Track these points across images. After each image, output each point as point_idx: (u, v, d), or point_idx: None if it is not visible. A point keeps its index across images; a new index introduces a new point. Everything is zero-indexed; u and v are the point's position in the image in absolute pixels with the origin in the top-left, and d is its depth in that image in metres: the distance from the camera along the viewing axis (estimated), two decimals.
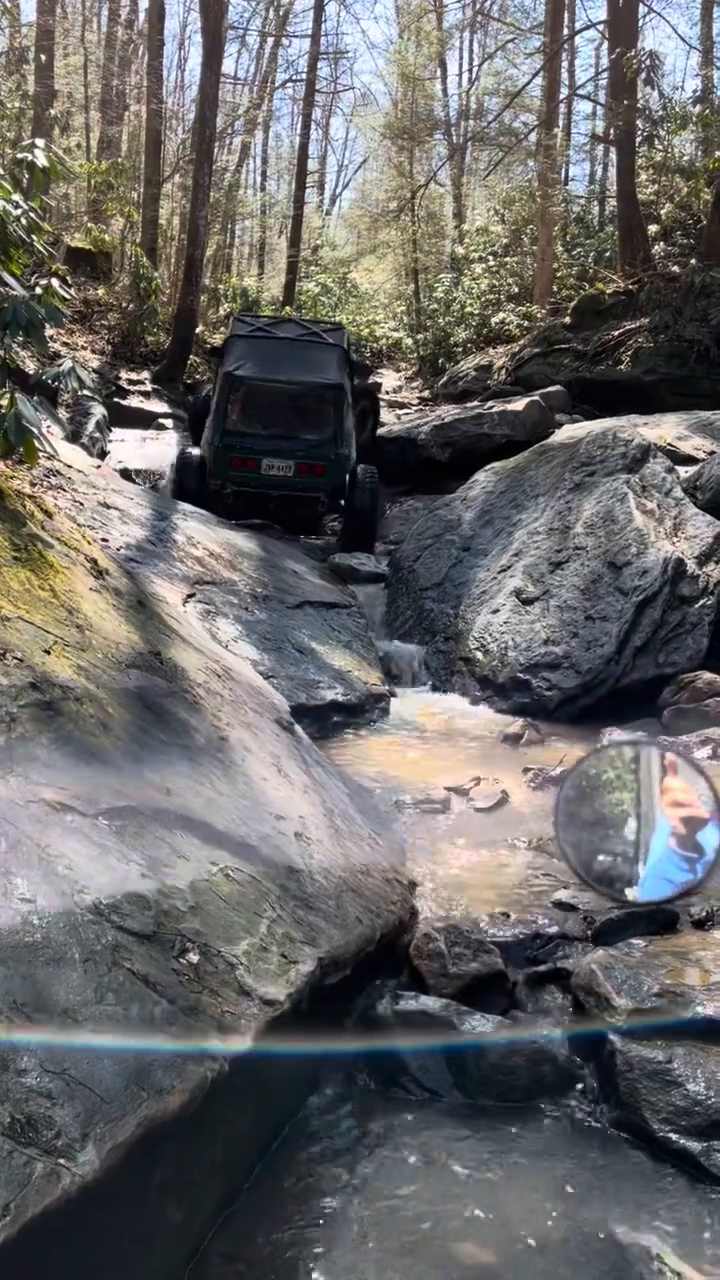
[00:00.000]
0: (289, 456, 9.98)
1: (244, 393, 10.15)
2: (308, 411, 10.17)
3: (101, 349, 16.72)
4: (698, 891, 0.96)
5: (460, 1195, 2.52)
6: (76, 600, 3.56)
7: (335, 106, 33.36)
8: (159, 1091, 1.89)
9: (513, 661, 7.52)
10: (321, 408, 10.13)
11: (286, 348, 10.68)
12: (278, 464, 9.96)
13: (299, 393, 10.19)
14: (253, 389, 10.15)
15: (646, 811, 0.92)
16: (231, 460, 10.04)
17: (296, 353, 10.55)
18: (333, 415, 10.08)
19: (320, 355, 10.56)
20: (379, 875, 3.68)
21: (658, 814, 0.92)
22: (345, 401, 10.28)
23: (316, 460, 9.98)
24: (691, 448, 10.90)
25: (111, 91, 23.50)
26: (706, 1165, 2.58)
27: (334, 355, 10.60)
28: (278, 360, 10.40)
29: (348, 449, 10.26)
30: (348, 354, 10.94)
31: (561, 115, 24.19)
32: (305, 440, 10.07)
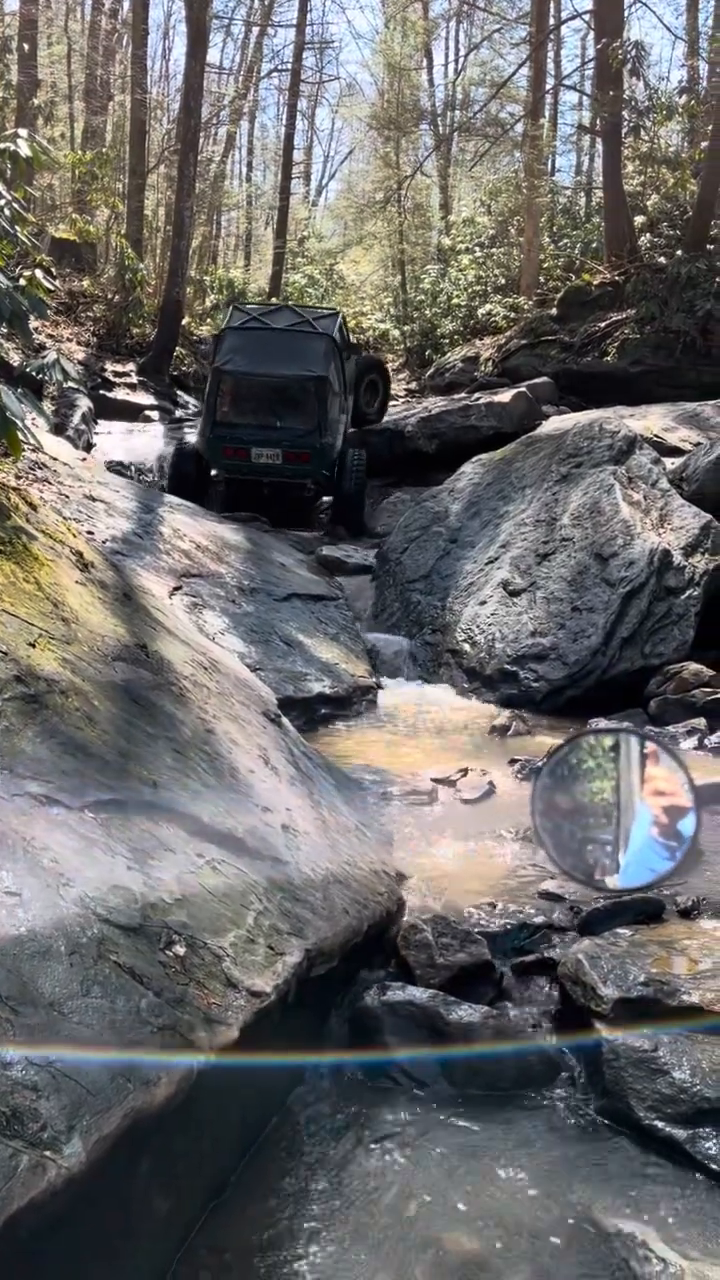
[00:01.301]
0: (276, 445, 10.37)
1: (232, 385, 10.59)
2: (293, 402, 10.51)
3: (87, 341, 16.64)
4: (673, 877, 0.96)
5: (448, 1184, 2.53)
6: (62, 593, 3.55)
7: (321, 97, 33.27)
8: (145, 1083, 1.89)
9: (500, 653, 7.53)
10: (306, 398, 10.46)
11: (275, 339, 11.03)
12: (266, 452, 10.36)
13: (284, 385, 10.55)
14: (240, 382, 10.59)
15: (626, 800, 0.92)
16: (223, 449, 10.51)
17: (285, 344, 10.90)
18: (317, 405, 10.42)
19: (308, 345, 10.87)
20: (366, 867, 3.69)
21: (638, 802, 0.93)
22: (330, 391, 10.58)
23: (302, 448, 10.37)
24: (678, 439, 10.93)
25: (95, 81, 23.35)
26: (692, 1152, 2.60)
27: (322, 344, 10.88)
28: (266, 352, 10.75)
29: (332, 437, 10.59)
30: (337, 341, 11.15)
31: (548, 106, 24.17)
32: (292, 429, 10.44)
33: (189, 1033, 2.09)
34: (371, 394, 12.92)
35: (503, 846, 4.56)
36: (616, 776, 0.96)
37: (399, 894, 3.78)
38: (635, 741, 0.94)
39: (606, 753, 0.97)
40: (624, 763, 0.95)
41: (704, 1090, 2.68)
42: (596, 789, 0.97)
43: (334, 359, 10.91)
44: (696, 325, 14.53)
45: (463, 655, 7.80)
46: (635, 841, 0.92)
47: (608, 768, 0.97)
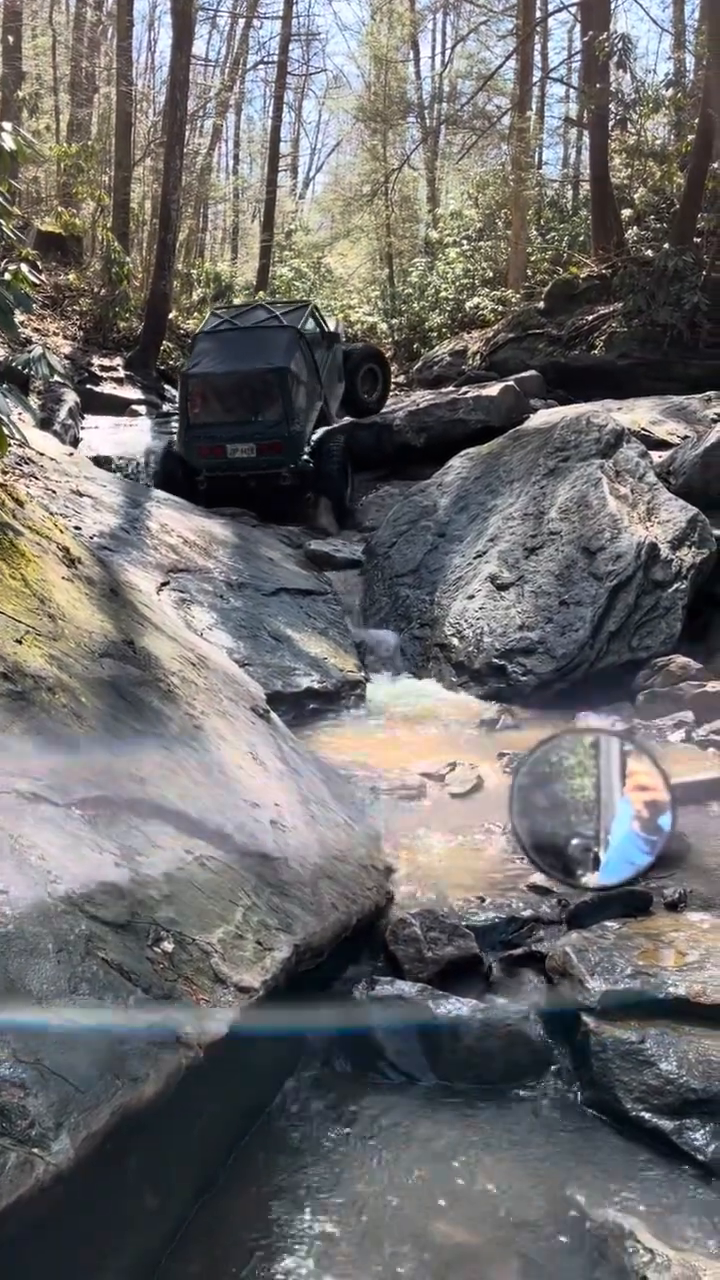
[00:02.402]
0: (249, 439, 10.74)
1: (200, 388, 11.01)
2: (260, 395, 10.88)
3: (73, 335, 16.56)
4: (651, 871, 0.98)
5: (436, 1177, 2.55)
6: (48, 589, 3.54)
7: (308, 89, 33.08)
8: (134, 1080, 1.89)
9: (488, 647, 7.55)
10: (270, 391, 10.79)
11: (240, 338, 11.48)
12: (240, 447, 10.73)
13: (248, 380, 10.94)
14: (207, 383, 11.01)
15: (606, 797, 0.93)
16: (199, 449, 10.88)
17: (249, 341, 11.32)
18: (282, 396, 10.73)
19: (272, 339, 11.24)
20: (355, 862, 3.69)
21: (618, 799, 0.93)
22: (296, 381, 10.87)
23: (273, 439, 10.71)
24: (665, 432, 10.95)
25: (81, 73, 23.21)
26: (679, 1143, 2.62)
27: (285, 337, 11.20)
28: (231, 352, 11.22)
29: (301, 425, 10.91)
30: (303, 332, 11.40)
31: (535, 98, 24.12)
32: (261, 422, 10.81)
33: (177, 1029, 2.09)
34: (371, 383, 13.20)
35: (491, 840, 4.57)
36: (595, 774, 0.97)
37: (387, 888, 3.79)
38: (615, 739, 0.95)
39: (585, 750, 0.98)
40: (603, 760, 0.96)
41: (690, 1081, 2.70)
42: (575, 787, 0.98)
43: (299, 350, 11.16)
44: (684, 318, 14.54)
45: (451, 649, 7.81)
46: (616, 837, 0.93)
47: (586, 765, 0.98)
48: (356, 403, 12.87)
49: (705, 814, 4.86)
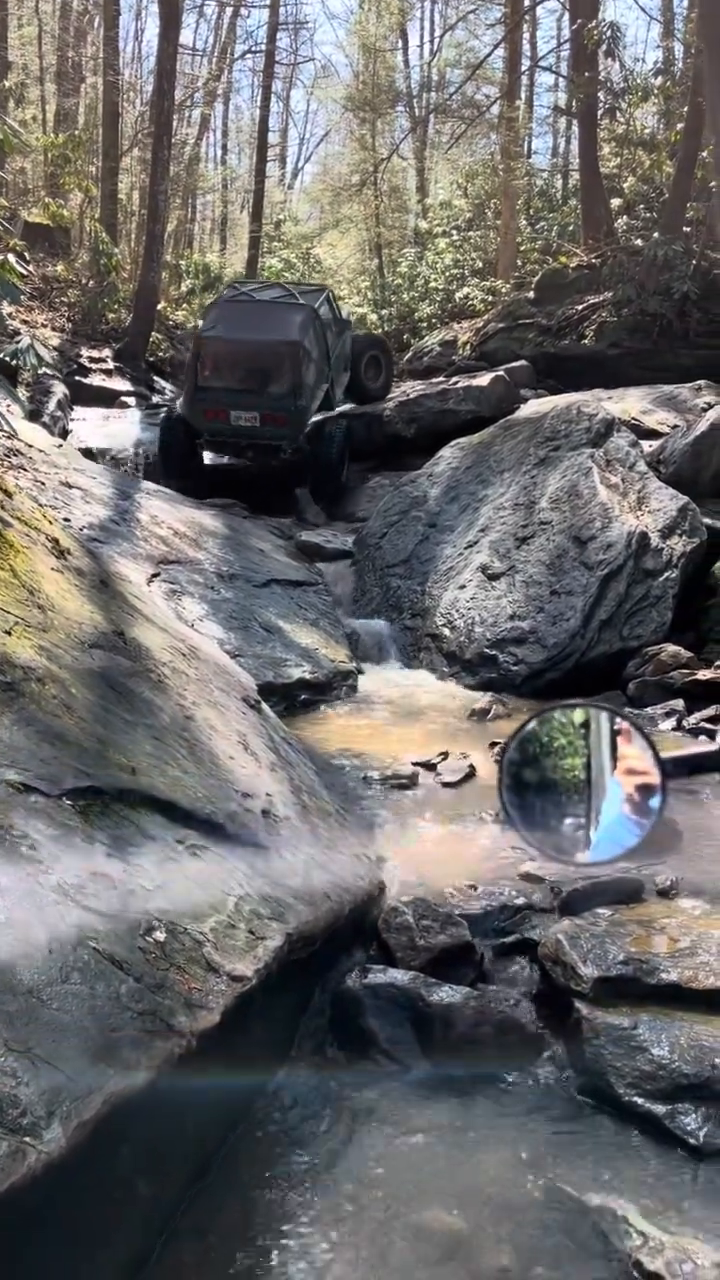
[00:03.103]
0: (254, 408, 10.82)
1: (212, 350, 11.10)
2: (270, 367, 10.97)
3: (61, 326, 16.48)
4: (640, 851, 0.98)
5: (429, 1163, 2.55)
6: (38, 580, 3.53)
7: (296, 78, 32.94)
8: (126, 1068, 1.89)
9: (479, 637, 7.55)
10: (281, 364, 10.90)
11: (258, 309, 11.64)
12: (245, 415, 10.81)
13: (261, 350, 11.03)
14: (220, 346, 11.10)
15: (597, 776, 0.93)
16: (205, 412, 10.94)
17: (266, 313, 11.48)
18: (291, 370, 10.84)
19: (288, 315, 11.36)
20: (347, 851, 3.70)
21: (609, 779, 0.94)
22: (307, 358, 10.97)
23: (279, 411, 10.80)
24: (655, 421, 10.95)
25: (67, 63, 23.05)
26: (671, 1128, 2.63)
27: (301, 314, 11.31)
28: (247, 321, 11.34)
29: (307, 401, 11.01)
30: (319, 313, 11.51)
31: (523, 87, 24.07)
32: (269, 394, 10.89)
33: (169, 1018, 2.09)
34: (375, 370, 13.37)
35: (483, 829, 4.58)
36: (586, 752, 0.97)
37: (380, 877, 3.80)
38: (605, 717, 0.95)
39: (575, 728, 0.98)
40: (594, 738, 0.96)
41: (682, 1066, 2.72)
42: (566, 765, 0.98)
43: (313, 329, 11.26)
44: (673, 308, 14.53)
45: (442, 639, 7.81)
46: (607, 817, 0.93)
47: (577, 743, 0.98)
48: (362, 390, 13.04)
49: (697, 802, 4.88)
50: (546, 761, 1.07)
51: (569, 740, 1.07)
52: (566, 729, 1.08)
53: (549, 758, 1.07)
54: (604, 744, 1.05)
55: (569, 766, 1.07)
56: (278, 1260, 2.22)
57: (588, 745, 1.06)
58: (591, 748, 1.06)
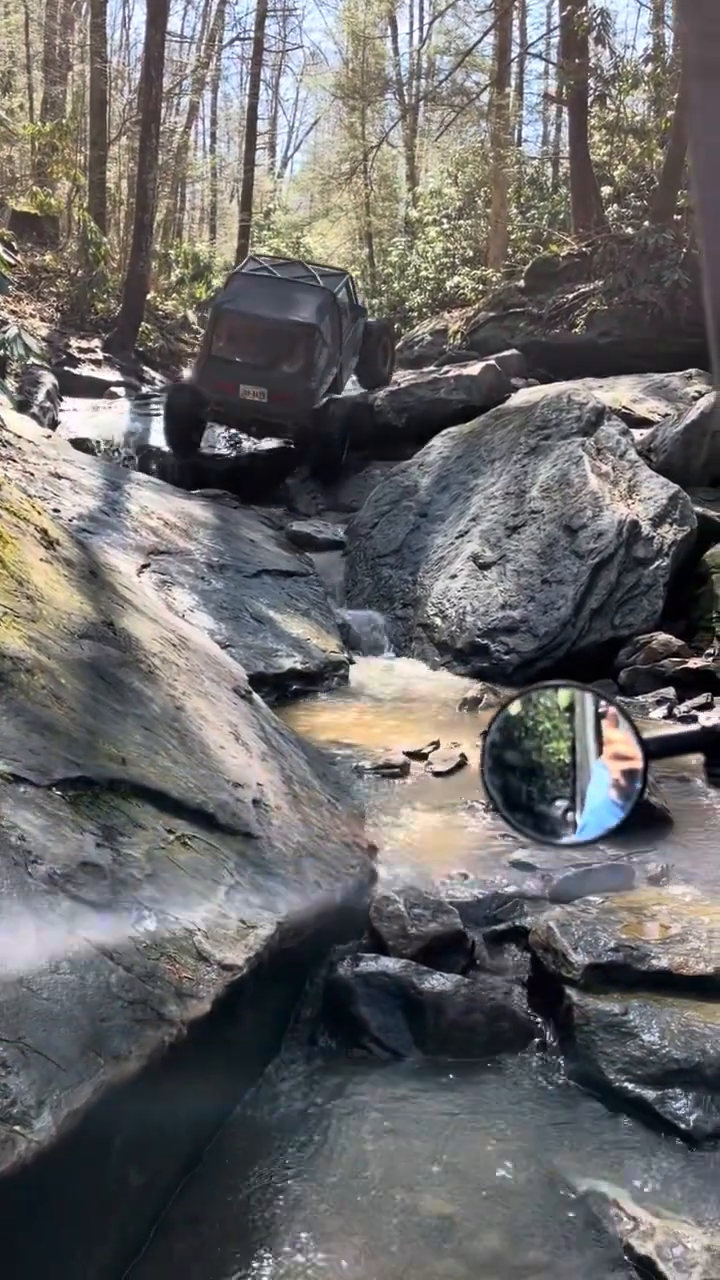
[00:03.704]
0: (263, 384, 10.93)
1: (229, 323, 11.26)
2: (284, 346, 11.11)
3: (50, 316, 16.39)
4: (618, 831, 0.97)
5: (421, 1150, 2.56)
6: (26, 571, 3.51)
7: (284, 66, 32.74)
8: (116, 1057, 1.89)
9: (471, 626, 7.55)
10: (295, 344, 11.04)
11: (278, 287, 11.79)
12: (254, 390, 10.90)
13: (276, 328, 11.14)
14: (236, 320, 11.25)
15: (581, 759, 0.93)
16: (215, 381, 11.10)
17: (285, 292, 11.61)
18: (305, 352, 10.98)
19: (306, 297, 11.52)
20: (338, 840, 3.70)
21: (593, 762, 0.93)
22: (320, 341, 11.10)
23: (288, 389, 10.91)
24: (646, 410, 10.94)
25: (54, 50, 22.87)
26: (661, 1112, 2.64)
27: (320, 298, 11.49)
28: (265, 298, 11.46)
29: (316, 383, 11.11)
30: (336, 297, 11.69)
31: (513, 75, 23.98)
32: (280, 372, 11.02)
33: (160, 1006, 2.09)
34: (384, 355, 13.70)
35: (474, 818, 4.59)
36: (570, 735, 0.96)
37: (371, 866, 3.80)
38: (590, 699, 0.95)
39: (559, 711, 0.98)
40: (578, 720, 0.95)
41: (672, 1052, 2.73)
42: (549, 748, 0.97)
43: (330, 313, 11.43)
44: (664, 296, 14.51)
45: (434, 629, 7.81)
46: (592, 801, 0.93)
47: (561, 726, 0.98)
48: (375, 373, 13.25)
49: (688, 790, 4.89)
50: (529, 743, 1.07)
51: (552, 723, 1.07)
52: (550, 711, 1.08)
53: (532, 740, 1.07)
54: (588, 726, 1.05)
55: (552, 749, 1.07)
56: (270, 1248, 2.22)
57: (571, 728, 1.06)
58: (576, 730, 1.06)
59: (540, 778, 1.06)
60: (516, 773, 1.06)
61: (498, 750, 1.06)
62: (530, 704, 1.09)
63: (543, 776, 1.06)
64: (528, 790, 1.05)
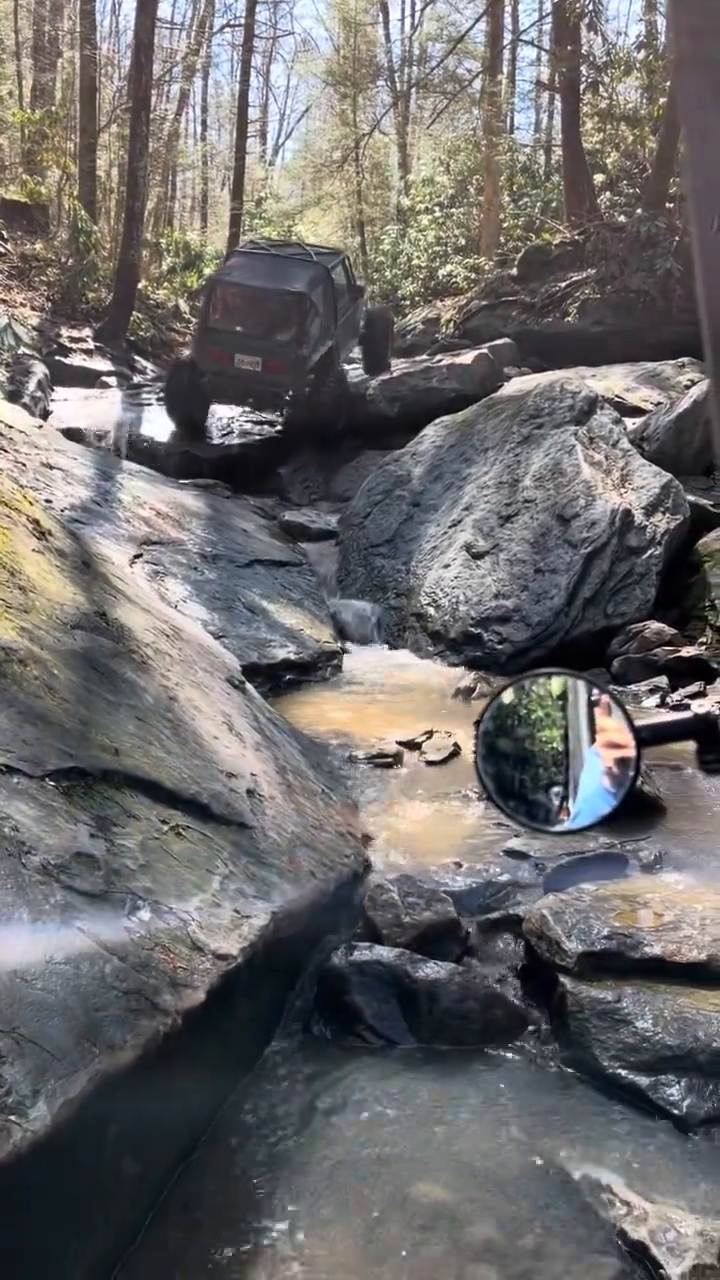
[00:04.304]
0: (258, 353, 11.20)
1: (224, 295, 11.57)
2: (276, 315, 11.36)
3: (41, 306, 16.30)
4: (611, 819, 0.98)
5: (416, 1137, 2.57)
6: (18, 562, 3.50)
7: (275, 53, 32.49)
8: (110, 1047, 1.90)
9: (464, 616, 7.55)
10: (287, 313, 11.26)
11: (273, 261, 12.21)
12: (248, 359, 11.21)
13: (267, 298, 11.43)
14: (231, 292, 11.57)
15: (574, 746, 0.93)
16: (211, 353, 11.40)
17: (280, 267, 11.99)
18: (297, 320, 11.19)
19: (299, 270, 11.82)
20: (332, 829, 3.71)
21: (586, 750, 0.93)
22: (312, 310, 11.31)
23: (281, 358, 11.16)
24: (639, 399, 10.94)
25: (43, 37, 22.70)
26: (654, 1098, 2.66)
27: (312, 271, 11.77)
28: (260, 271, 11.88)
29: (308, 351, 11.32)
30: (329, 272, 11.96)
31: (505, 62, 23.84)
32: (273, 341, 11.27)
33: (154, 996, 2.10)
34: (387, 342, 14.00)
35: (468, 807, 4.59)
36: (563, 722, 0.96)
37: (365, 856, 3.81)
38: (583, 686, 0.95)
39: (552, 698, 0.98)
40: (571, 708, 0.95)
41: (665, 1038, 2.74)
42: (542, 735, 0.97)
43: (323, 285, 11.67)
44: (657, 284, 14.49)
45: (427, 619, 7.81)
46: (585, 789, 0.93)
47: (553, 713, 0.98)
48: (376, 361, 13.46)
49: (681, 778, 4.91)
50: (522, 731, 1.07)
51: (545, 710, 1.07)
52: (543, 699, 1.08)
53: (525, 728, 1.07)
54: (581, 714, 1.05)
55: (546, 737, 1.07)
56: (265, 1235, 2.23)
57: (564, 716, 1.06)
58: (569, 718, 1.06)
59: (533, 766, 1.06)
60: (510, 761, 1.06)
61: (491, 738, 1.06)
62: (523, 692, 1.08)
63: (536, 764, 1.06)
64: (521, 778, 1.05)
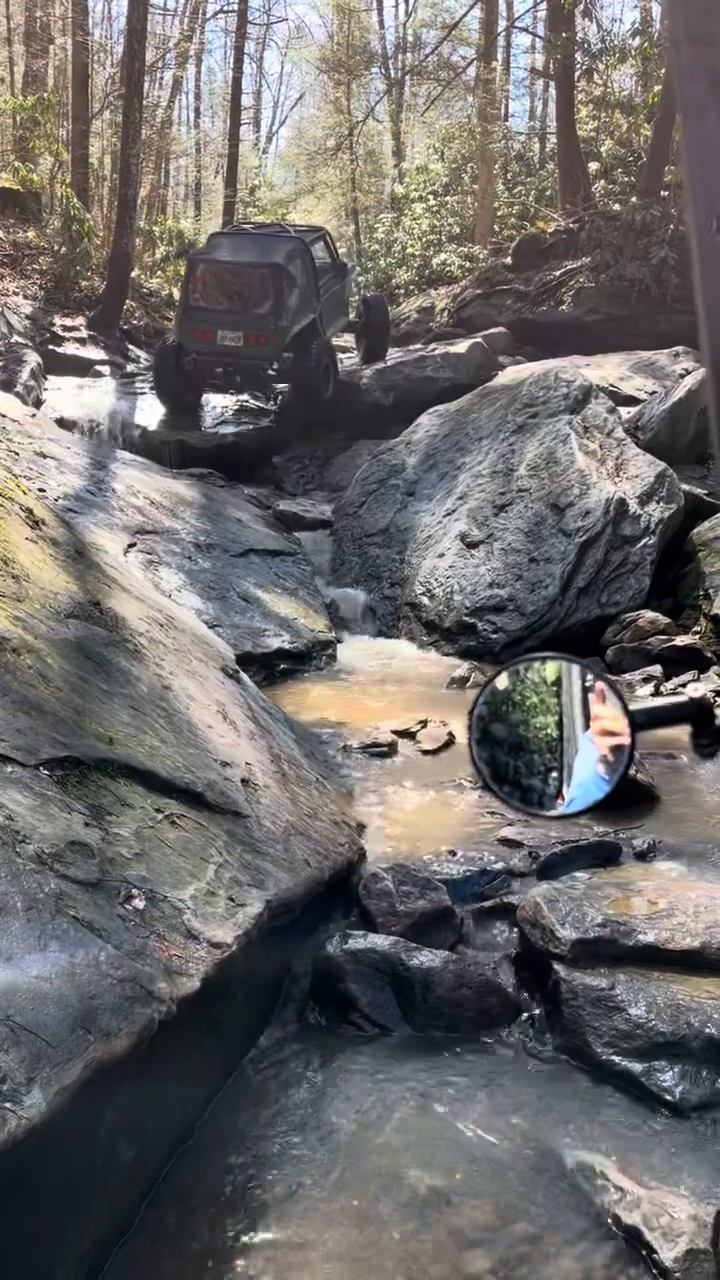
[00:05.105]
0: (238, 328, 11.35)
1: (202, 273, 11.69)
2: (253, 289, 11.49)
3: (34, 294, 16.21)
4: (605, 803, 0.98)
5: (411, 1123, 2.58)
6: (12, 550, 3.49)
7: (269, 39, 32.29)
8: (106, 1035, 1.90)
9: (458, 605, 7.55)
10: (264, 285, 11.39)
11: (250, 239, 12.45)
12: (230, 335, 11.37)
13: (244, 272, 11.59)
14: (208, 269, 11.72)
15: (569, 731, 0.93)
16: (193, 332, 11.55)
17: (257, 242, 12.19)
18: (274, 292, 11.31)
19: (276, 244, 11.98)
20: (327, 818, 3.71)
21: (581, 736, 0.93)
22: (290, 281, 11.45)
23: (260, 330, 11.31)
24: (633, 388, 10.93)
25: (35, 23, 22.53)
26: (648, 1085, 2.67)
27: (290, 245, 11.92)
28: (237, 248, 12.12)
29: (288, 321, 11.44)
30: (307, 245, 12.06)
31: (500, 49, 23.73)
32: (252, 314, 11.41)
33: (149, 984, 2.10)
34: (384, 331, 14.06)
35: (462, 795, 4.60)
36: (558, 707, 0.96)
37: (360, 844, 3.81)
38: (577, 671, 0.95)
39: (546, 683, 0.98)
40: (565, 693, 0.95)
41: (658, 1025, 2.75)
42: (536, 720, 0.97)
43: (301, 258, 11.80)
44: (651, 273, 14.45)
45: (421, 608, 7.81)
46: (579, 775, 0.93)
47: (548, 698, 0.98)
48: (375, 349, 13.53)
49: (675, 767, 4.92)
50: (516, 716, 1.07)
51: (539, 696, 1.07)
52: (537, 684, 1.08)
53: (519, 712, 1.07)
54: (576, 699, 1.05)
55: (540, 722, 1.07)
56: (260, 1221, 2.24)
57: (559, 701, 1.06)
58: (563, 703, 1.06)
59: (527, 750, 1.06)
60: (504, 745, 1.06)
61: (485, 723, 1.06)
62: (518, 677, 1.08)
63: (530, 749, 1.06)
64: (515, 763, 1.05)
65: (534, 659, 1.08)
